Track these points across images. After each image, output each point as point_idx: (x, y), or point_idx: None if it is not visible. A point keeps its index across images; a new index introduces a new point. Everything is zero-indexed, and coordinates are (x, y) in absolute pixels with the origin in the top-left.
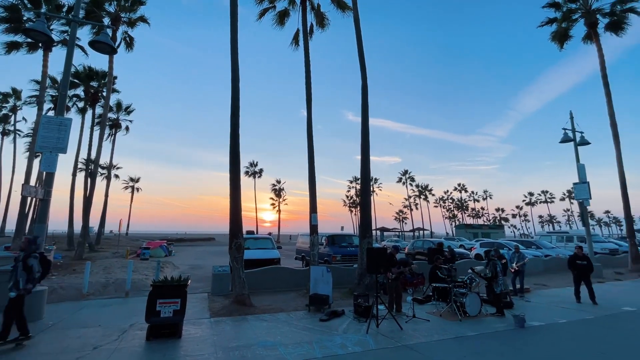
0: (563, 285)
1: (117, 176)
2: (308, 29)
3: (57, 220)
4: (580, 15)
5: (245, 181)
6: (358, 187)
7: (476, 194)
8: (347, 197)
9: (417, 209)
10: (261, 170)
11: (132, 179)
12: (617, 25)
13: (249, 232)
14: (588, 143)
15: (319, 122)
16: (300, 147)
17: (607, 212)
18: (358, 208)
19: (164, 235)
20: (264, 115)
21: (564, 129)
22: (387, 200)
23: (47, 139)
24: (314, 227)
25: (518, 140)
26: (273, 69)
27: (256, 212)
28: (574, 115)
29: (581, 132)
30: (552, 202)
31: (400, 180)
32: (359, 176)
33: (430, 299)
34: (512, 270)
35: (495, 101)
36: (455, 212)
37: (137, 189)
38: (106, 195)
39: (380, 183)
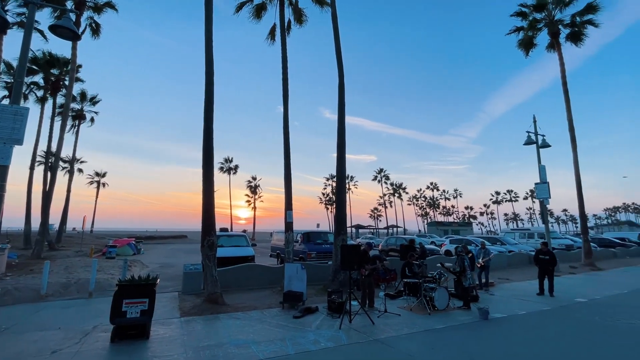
0: (524, 279)
1: (80, 170)
2: (285, 24)
3: (12, 216)
4: (544, 25)
5: (219, 177)
6: (334, 184)
7: (447, 193)
8: (324, 194)
9: (391, 206)
10: (236, 167)
11: (97, 174)
12: (576, 36)
13: (222, 230)
14: (549, 146)
15: (295, 118)
16: (277, 144)
17: (565, 210)
18: (334, 205)
19: (132, 232)
20: (239, 111)
21: (528, 132)
22: (363, 198)
23: (1, 129)
24: (289, 225)
25: (487, 142)
26: (250, 64)
27: (231, 209)
28: (537, 119)
29: (543, 136)
30: (517, 200)
31: (375, 178)
32: (335, 174)
33: (402, 294)
34: (479, 266)
35: (467, 103)
36: (428, 210)
37: (104, 184)
38: (68, 190)
39: (356, 181)
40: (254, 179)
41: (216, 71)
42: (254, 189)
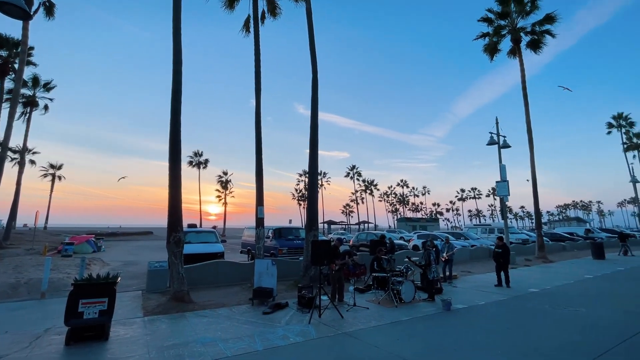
0: (485, 271)
1: (33, 162)
2: (259, 15)
3: None
4: (507, 32)
5: (189, 172)
6: (307, 180)
7: (416, 190)
8: (296, 190)
9: (363, 203)
10: (206, 161)
11: (52, 166)
12: (536, 44)
13: (190, 226)
14: (509, 146)
15: (268, 113)
16: (249, 139)
17: (522, 207)
18: (307, 201)
19: (92, 229)
20: (210, 104)
21: (491, 132)
22: (335, 194)
23: None
24: (260, 220)
25: (453, 141)
26: (221, 55)
27: (200, 205)
28: (499, 121)
29: (504, 137)
30: (480, 198)
31: (348, 175)
32: (308, 170)
33: (371, 287)
34: (443, 259)
35: (436, 104)
36: (398, 207)
37: (59, 177)
38: (18, 184)
39: (329, 177)
40: (225, 173)
41: (186, 62)
42: (224, 184)
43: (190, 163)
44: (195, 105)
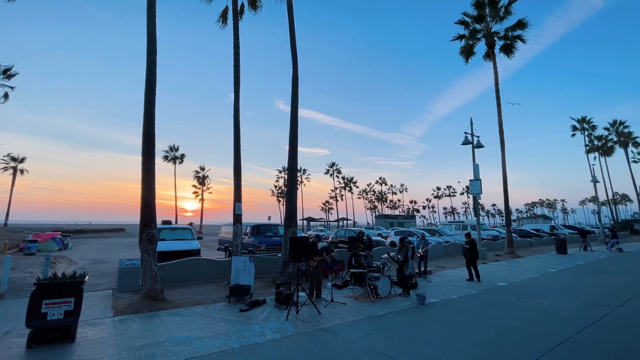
0: (458, 266)
1: None
2: (239, 7)
3: None
4: (482, 36)
5: (164, 167)
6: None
7: (394, 187)
8: (276, 187)
9: (342, 200)
10: (182, 156)
11: (13, 159)
12: (508, 48)
13: (165, 222)
14: (482, 146)
15: (247, 108)
16: (227, 134)
17: (494, 205)
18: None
19: (59, 225)
20: (188, 97)
21: (465, 132)
22: (315, 191)
23: None
24: (237, 217)
25: (430, 140)
26: (200, 48)
27: (176, 201)
28: (473, 122)
29: (478, 137)
30: (454, 196)
31: (327, 172)
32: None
33: (348, 283)
34: (419, 255)
35: (415, 103)
36: (376, 204)
37: (22, 171)
38: None
39: (309, 174)
40: (202, 169)
41: (162, 53)
42: (201, 179)
43: (166, 158)
44: (172, 98)
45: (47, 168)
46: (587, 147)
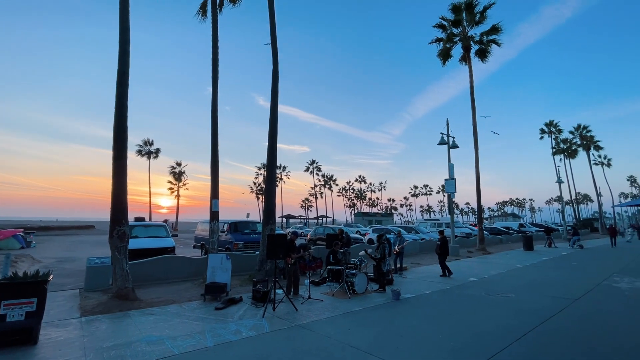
0: (432, 262)
1: None
2: (217, 0)
3: None
4: (459, 39)
5: (138, 162)
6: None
7: (373, 186)
8: (255, 183)
9: (322, 197)
10: (157, 151)
11: None
12: (483, 53)
13: (138, 219)
14: (457, 147)
15: (226, 103)
16: (204, 128)
17: (467, 203)
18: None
19: (22, 222)
20: (164, 90)
21: (442, 133)
22: (295, 188)
23: None
24: (214, 214)
25: (409, 140)
26: (178, 40)
27: (150, 197)
28: (449, 123)
29: (453, 138)
30: (431, 194)
31: (308, 169)
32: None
33: (326, 280)
34: (395, 252)
35: (394, 103)
36: (355, 201)
37: None
38: None
39: (289, 171)
40: (179, 164)
41: (138, 43)
42: (178, 175)
43: (140, 152)
44: (147, 91)
45: (10, 162)
46: (554, 150)
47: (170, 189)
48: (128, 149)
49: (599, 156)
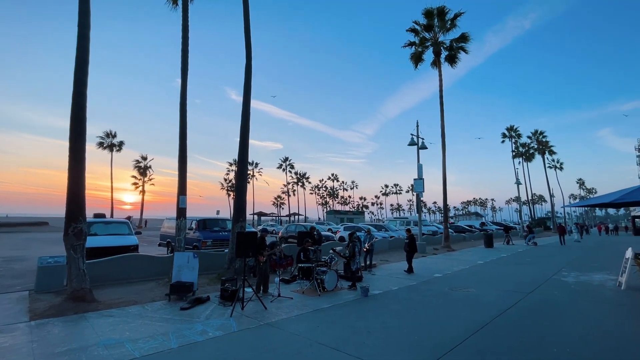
0: (401, 260)
1: None
2: None
3: None
4: (430, 44)
5: (99, 154)
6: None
7: (346, 184)
8: (226, 180)
9: (294, 195)
10: (121, 143)
11: None
12: (452, 59)
13: (97, 216)
14: (426, 148)
15: (196, 95)
16: (173, 121)
17: (435, 202)
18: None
19: None
20: (129, 80)
21: (412, 134)
22: (267, 185)
23: None
24: (181, 210)
25: (380, 139)
26: (145, 27)
27: (112, 192)
28: (419, 125)
29: (422, 139)
30: (400, 193)
31: (280, 166)
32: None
33: (296, 278)
34: (365, 249)
35: (368, 102)
36: (328, 199)
37: None
38: None
39: (261, 168)
40: (144, 158)
41: (100, 28)
42: (143, 170)
43: (101, 144)
44: (110, 79)
45: None
46: (514, 153)
47: (135, 184)
48: (88, 141)
49: (553, 160)
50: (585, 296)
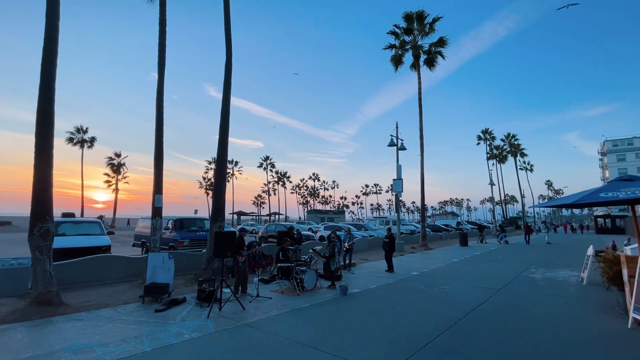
0: (379, 258)
1: None
2: None
3: None
4: (410, 47)
5: (69, 151)
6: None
7: (327, 184)
8: (205, 178)
9: (275, 194)
10: (93, 139)
11: None
12: (431, 62)
13: (66, 215)
14: (405, 149)
15: (174, 91)
16: (149, 117)
17: (413, 202)
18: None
19: None
20: (102, 72)
21: (392, 135)
22: (247, 184)
23: None
24: (157, 210)
25: (361, 140)
26: (120, 17)
27: (82, 191)
28: (399, 126)
29: (402, 140)
30: (380, 193)
31: (261, 165)
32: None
33: (276, 278)
34: (345, 249)
35: (349, 102)
36: (308, 199)
37: None
38: None
39: (241, 166)
40: (118, 155)
41: (70, 16)
42: (116, 167)
43: (71, 140)
44: (82, 72)
45: None
46: (488, 155)
47: (108, 182)
48: (57, 137)
49: (524, 162)
50: (551, 291)
